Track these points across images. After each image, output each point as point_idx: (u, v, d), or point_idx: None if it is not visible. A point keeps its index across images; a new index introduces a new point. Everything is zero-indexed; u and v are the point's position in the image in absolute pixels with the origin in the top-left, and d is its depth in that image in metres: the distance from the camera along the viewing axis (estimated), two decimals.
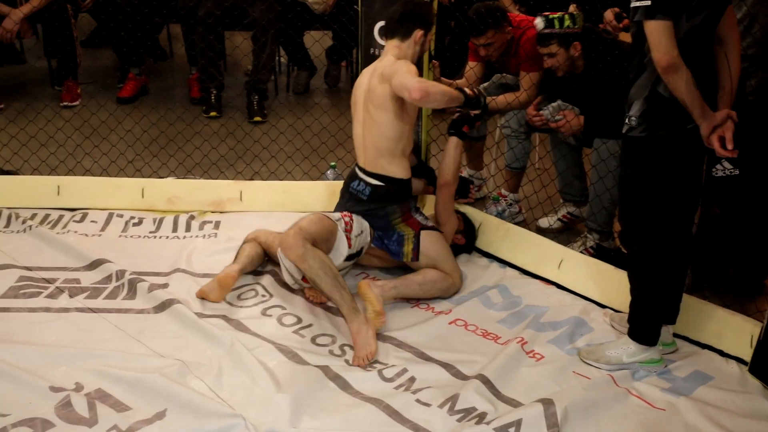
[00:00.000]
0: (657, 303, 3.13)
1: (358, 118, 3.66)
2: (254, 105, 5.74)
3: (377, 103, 3.52)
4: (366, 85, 3.62)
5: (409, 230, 3.66)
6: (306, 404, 2.90)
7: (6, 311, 3.41)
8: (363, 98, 3.62)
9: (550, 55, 3.97)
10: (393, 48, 3.59)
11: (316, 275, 3.28)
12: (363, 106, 3.61)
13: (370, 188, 3.63)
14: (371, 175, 3.63)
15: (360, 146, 3.67)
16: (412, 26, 3.56)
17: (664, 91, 2.84)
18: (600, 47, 3.95)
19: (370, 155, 3.62)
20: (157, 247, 4.04)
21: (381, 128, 3.56)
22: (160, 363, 3.09)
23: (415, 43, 3.58)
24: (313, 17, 5.79)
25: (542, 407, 2.85)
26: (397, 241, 3.65)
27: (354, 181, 3.69)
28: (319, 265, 3.28)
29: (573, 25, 3.91)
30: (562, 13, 3.91)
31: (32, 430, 2.71)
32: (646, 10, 2.75)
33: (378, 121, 3.55)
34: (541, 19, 3.93)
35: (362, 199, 3.65)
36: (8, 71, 6.47)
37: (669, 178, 2.91)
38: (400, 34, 3.58)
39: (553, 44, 3.93)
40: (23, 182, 4.43)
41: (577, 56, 3.96)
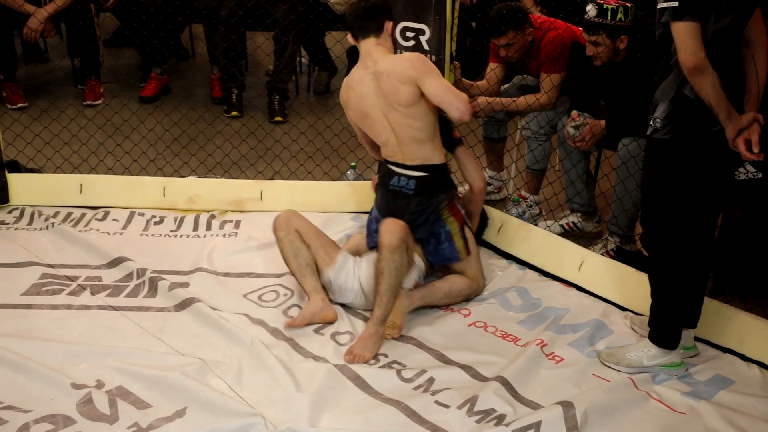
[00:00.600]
0: (678, 306, 3.11)
1: (382, 125, 3.56)
2: (275, 105, 5.75)
3: (407, 103, 3.46)
4: (376, 92, 3.52)
5: (454, 222, 3.62)
6: (325, 404, 2.91)
7: (29, 308, 3.45)
8: (381, 105, 3.52)
9: (594, 44, 3.87)
10: (375, 46, 3.54)
11: (389, 269, 3.25)
12: (386, 111, 3.52)
13: (414, 181, 3.56)
14: (412, 168, 3.57)
15: (394, 147, 3.58)
16: (381, 19, 3.53)
17: (689, 93, 2.82)
18: (648, 46, 3.83)
19: (410, 150, 3.55)
20: (177, 245, 4.06)
21: (418, 122, 3.50)
22: (181, 361, 3.11)
23: (389, 34, 3.56)
24: (334, 17, 5.80)
25: (562, 410, 2.84)
26: (448, 240, 3.60)
27: (393, 178, 3.61)
28: (399, 265, 3.27)
29: (625, 19, 3.79)
30: (617, 3, 3.78)
31: (54, 427, 2.74)
32: (673, 11, 2.73)
33: (413, 115, 3.49)
34: (593, 6, 3.80)
35: (408, 193, 3.58)
36: (32, 70, 6.52)
37: (693, 180, 2.89)
38: (373, 30, 3.53)
39: (602, 34, 3.82)
40: (46, 180, 4.46)
41: (621, 49, 3.89)
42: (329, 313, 3.43)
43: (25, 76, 6.26)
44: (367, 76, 3.55)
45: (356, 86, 3.60)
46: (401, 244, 3.27)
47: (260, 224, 4.19)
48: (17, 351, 3.09)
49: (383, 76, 3.48)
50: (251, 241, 4.08)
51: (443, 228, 3.61)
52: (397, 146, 3.58)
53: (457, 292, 3.61)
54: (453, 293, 3.60)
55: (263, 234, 4.07)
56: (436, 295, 3.56)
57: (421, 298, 3.53)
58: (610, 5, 3.78)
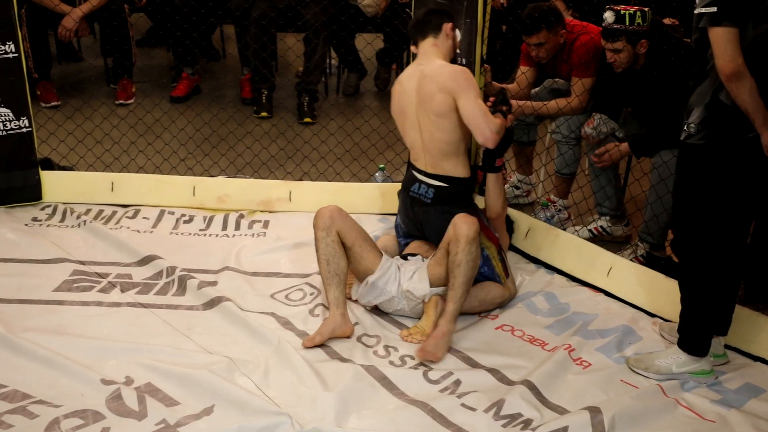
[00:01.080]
0: (708, 313, 3.08)
1: (412, 124, 3.59)
2: (304, 106, 5.78)
3: (439, 111, 3.47)
4: (416, 90, 3.54)
5: (491, 246, 3.62)
6: (352, 404, 2.91)
7: (60, 304, 3.49)
8: (416, 105, 3.54)
9: (614, 51, 3.87)
10: (431, 47, 3.55)
11: (467, 261, 3.26)
12: (419, 113, 3.54)
13: (432, 190, 3.57)
14: (433, 177, 3.58)
15: (419, 150, 3.60)
16: (440, 20, 3.55)
17: (725, 98, 2.80)
18: (664, 46, 3.85)
19: (433, 158, 3.56)
20: (206, 244, 4.09)
21: (444, 133, 3.50)
22: (209, 359, 3.13)
23: (447, 36, 3.56)
24: (365, 20, 5.81)
25: (589, 415, 2.82)
26: (486, 264, 3.58)
27: (414, 184, 3.63)
28: (475, 257, 3.29)
29: (643, 23, 3.78)
30: (633, 9, 3.77)
31: (84, 422, 2.77)
32: (712, 16, 2.71)
33: (440, 126, 3.49)
34: (611, 12, 3.79)
35: (426, 202, 3.60)
36: (66, 69, 6.60)
37: (726, 187, 2.87)
38: (431, 30, 3.55)
39: (621, 41, 3.82)
40: (78, 178, 4.51)
41: (642, 53, 3.88)
42: (347, 329, 3.35)
43: (59, 74, 6.34)
44: (415, 74, 3.57)
45: (404, 81, 3.62)
46: (477, 235, 3.28)
47: (288, 224, 4.21)
48: (48, 346, 3.12)
49: (427, 78, 3.49)
50: (279, 241, 4.10)
51: (482, 253, 3.56)
52: (421, 150, 3.58)
53: (491, 301, 3.59)
54: (487, 301, 3.58)
55: (291, 234, 4.09)
56: (470, 303, 3.52)
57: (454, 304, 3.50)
58: (627, 11, 3.78)
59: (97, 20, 5.95)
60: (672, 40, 3.87)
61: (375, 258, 3.50)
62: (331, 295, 3.39)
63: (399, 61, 6.51)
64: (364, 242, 3.49)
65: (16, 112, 4.23)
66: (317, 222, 3.44)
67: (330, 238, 3.41)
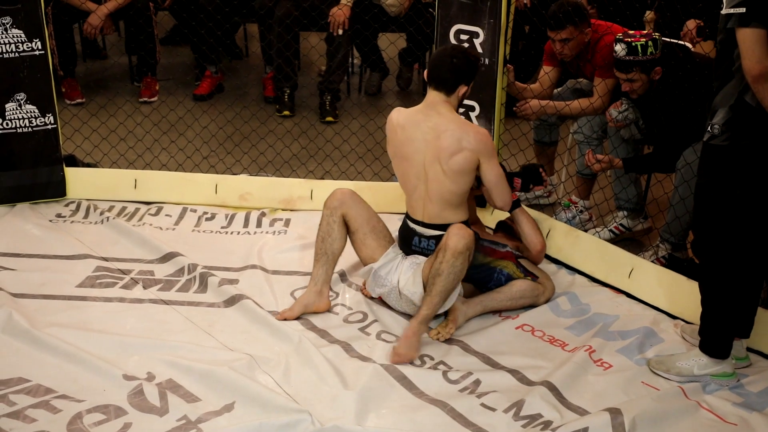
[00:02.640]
0: (729, 315, 3.06)
1: (417, 173, 3.48)
2: (327, 105, 5.79)
3: (460, 168, 3.42)
4: (429, 141, 3.44)
5: (509, 264, 3.60)
6: (372, 403, 2.92)
7: (83, 300, 3.52)
8: (428, 156, 3.45)
9: (629, 81, 3.90)
10: (443, 102, 3.45)
11: (448, 273, 3.24)
12: (429, 164, 3.45)
13: (433, 241, 3.49)
14: (433, 227, 3.50)
15: (419, 200, 3.52)
16: (458, 83, 3.45)
17: (751, 100, 2.78)
18: (673, 61, 3.89)
19: (434, 209, 3.50)
20: (228, 242, 4.11)
21: (454, 187, 3.46)
22: (230, 356, 3.15)
23: (458, 97, 3.49)
24: (388, 19, 5.82)
25: (609, 416, 2.82)
26: (508, 281, 3.58)
27: (413, 238, 3.55)
28: (459, 270, 3.26)
29: (655, 51, 3.82)
30: (645, 39, 3.80)
31: (105, 417, 2.80)
32: (740, 17, 2.69)
33: (456, 181, 3.44)
34: (622, 45, 3.82)
35: (429, 255, 3.50)
36: (91, 66, 6.64)
37: (749, 188, 2.85)
38: (446, 88, 3.45)
39: (635, 71, 3.85)
40: (102, 175, 4.55)
41: (656, 80, 3.90)
42: (321, 304, 3.48)
43: (83, 72, 6.38)
44: (424, 124, 3.47)
45: (407, 127, 3.52)
46: (466, 251, 3.25)
47: (310, 223, 4.22)
48: (72, 342, 3.16)
49: (447, 133, 3.41)
50: (300, 240, 4.11)
51: (501, 273, 3.58)
52: (421, 200, 3.52)
53: (520, 294, 3.56)
54: (516, 295, 3.55)
55: (312, 233, 4.06)
56: (496, 298, 3.53)
57: (480, 303, 3.52)
58: (639, 42, 3.81)
59: (123, 18, 5.99)
60: (681, 57, 3.88)
61: (379, 246, 3.52)
62: (314, 270, 3.50)
63: (421, 61, 6.50)
64: (370, 230, 3.52)
65: (41, 109, 4.27)
66: (327, 201, 3.53)
67: (333, 218, 3.48)
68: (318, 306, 3.49)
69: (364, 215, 3.54)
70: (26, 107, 4.24)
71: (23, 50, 4.16)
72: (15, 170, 4.29)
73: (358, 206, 3.54)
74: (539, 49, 4.62)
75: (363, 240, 3.54)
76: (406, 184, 3.59)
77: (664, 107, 3.94)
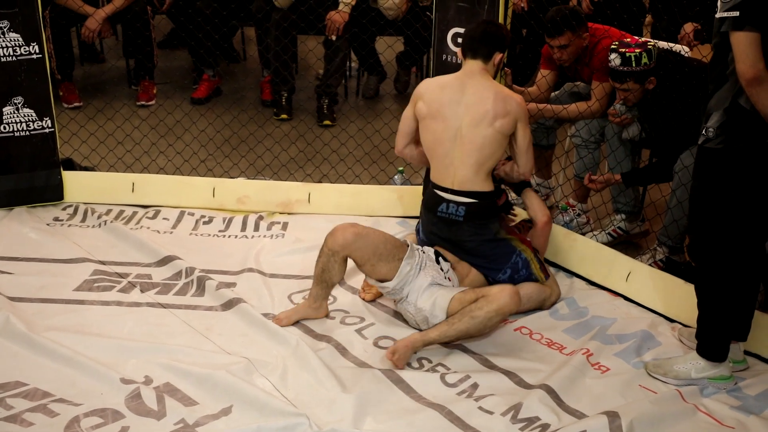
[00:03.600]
0: (725, 318, 3.06)
1: (452, 135, 3.51)
2: (324, 108, 5.79)
3: (503, 130, 3.47)
4: (469, 104, 3.47)
5: (527, 249, 3.61)
6: (369, 406, 2.92)
7: (80, 303, 3.52)
8: (470, 119, 3.48)
9: (624, 91, 3.94)
10: (481, 69, 3.53)
11: (477, 323, 3.20)
12: (468, 126, 3.47)
13: (464, 207, 3.50)
14: (462, 194, 3.51)
15: (448, 165, 3.52)
16: (493, 49, 3.54)
17: (745, 103, 2.79)
18: (661, 72, 3.90)
19: (465, 174, 3.50)
20: (225, 245, 4.11)
21: (489, 150, 3.48)
22: (227, 360, 3.15)
23: (494, 65, 3.58)
24: (386, 22, 5.82)
25: (607, 419, 2.82)
26: (525, 267, 3.57)
27: (441, 204, 3.54)
28: (492, 326, 3.27)
29: (649, 62, 3.84)
30: (639, 50, 3.82)
31: (103, 420, 2.80)
32: (734, 21, 2.70)
33: (491, 144, 3.47)
34: (616, 55, 3.84)
35: (458, 221, 3.52)
36: (88, 70, 6.65)
37: (743, 191, 2.86)
38: (482, 55, 3.54)
39: (630, 81, 3.88)
40: (100, 179, 4.55)
41: (651, 89, 3.92)
42: (318, 314, 3.49)
43: (81, 75, 6.39)
44: (466, 87, 3.52)
45: (447, 89, 3.55)
46: (509, 312, 3.26)
47: (307, 226, 4.22)
48: (69, 345, 3.15)
49: (491, 97, 3.46)
50: (298, 243, 4.11)
51: (520, 257, 3.57)
52: (452, 165, 3.51)
53: (527, 297, 3.53)
54: (523, 298, 3.48)
55: (310, 236, 4.10)
56: None
57: None
58: (633, 53, 3.83)
59: (120, 22, 5.99)
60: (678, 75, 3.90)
61: (391, 267, 3.37)
62: (313, 289, 3.48)
63: (419, 64, 6.51)
64: (378, 259, 3.35)
65: (39, 112, 4.27)
66: (329, 240, 3.37)
67: (335, 258, 3.37)
68: (315, 315, 3.50)
69: (370, 249, 3.36)
70: (24, 111, 4.24)
71: (21, 54, 4.16)
72: (12, 174, 4.29)
73: (362, 245, 3.35)
74: (536, 53, 4.63)
75: (372, 269, 3.39)
76: (436, 147, 3.57)
77: (661, 114, 3.95)
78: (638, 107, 4.05)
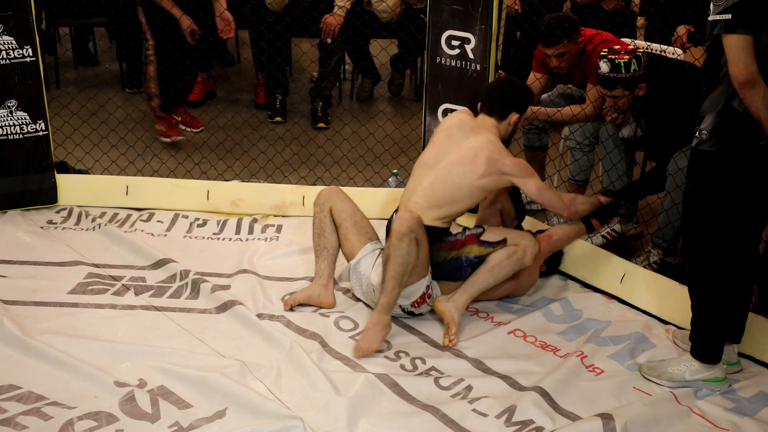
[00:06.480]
0: (719, 320, 3.07)
1: (432, 164, 3.54)
2: (318, 111, 5.80)
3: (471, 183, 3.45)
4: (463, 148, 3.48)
5: (472, 247, 3.52)
6: (363, 409, 2.91)
7: (74, 306, 3.51)
8: (454, 157, 3.49)
9: (614, 97, 3.94)
10: (492, 127, 3.55)
11: (395, 257, 3.24)
12: (451, 164, 3.48)
13: None
14: None
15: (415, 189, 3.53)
16: (509, 110, 3.56)
17: (738, 105, 2.80)
18: (662, 68, 3.91)
19: (421, 203, 3.47)
20: (220, 248, 4.11)
21: (458, 194, 3.47)
22: (221, 363, 3.14)
23: (509, 124, 3.59)
24: (380, 25, 5.83)
25: (601, 422, 2.82)
26: (478, 259, 3.49)
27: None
28: (405, 253, 3.23)
29: (639, 68, 3.85)
30: (628, 57, 3.83)
31: (97, 424, 2.79)
32: (726, 24, 2.71)
33: (466, 188, 3.47)
34: (605, 62, 3.86)
35: None
36: (82, 73, 6.64)
37: (737, 193, 2.86)
38: (497, 114, 3.57)
39: (619, 88, 3.89)
40: (94, 181, 4.54)
41: (641, 95, 3.93)
42: (325, 300, 3.58)
43: (74, 79, 6.38)
44: (469, 133, 3.54)
45: (459, 127, 3.59)
46: (409, 232, 3.23)
47: (301, 229, 4.22)
48: (63, 348, 3.14)
49: (485, 149, 3.44)
50: (292, 246, 4.11)
51: (467, 260, 3.51)
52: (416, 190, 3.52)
53: (496, 264, 3.47)
54: (493, 268, 3.46)
55: (304, 239, 4.09)
56: (476, 281, 3.46)
57: (464, 292, 3.46)
58: (622, 60, 3.84)
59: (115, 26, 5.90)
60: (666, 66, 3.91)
61: (359, 242, 3.54)
62: (317, 266, 3.60)
63: (413, 67, 6.52)
64: (353, 224, 3.56)
65: (32, 115, 4.26)
66: (316, 198, 3.62)
67: (323, 213, 3.57)
68: (322, 301, 3.57)
69: (348, 210, 3.59)
70: (17, 114, 4.23)
71: (14, 57, 4.14)
72: (6, 177, 4.28)
73: (343, 201, 3.61)
74: (530, 55, 4.64)
75: (346, 235, 3.56)
76: (417, 168, 3.61)
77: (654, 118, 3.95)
78: (633, 107, 4.06)
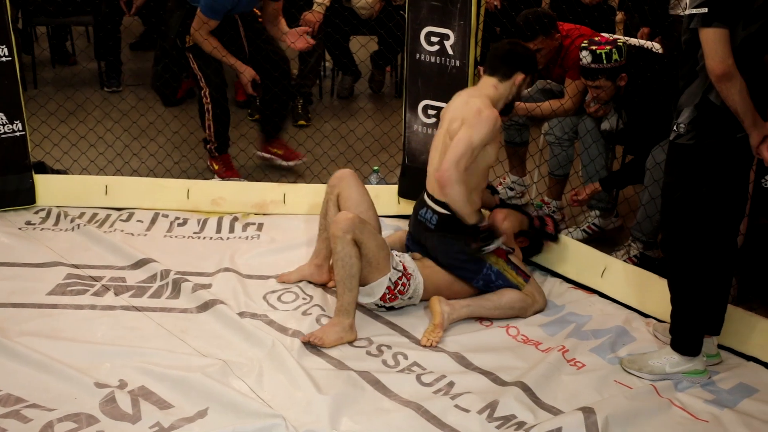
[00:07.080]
0: (698, 313, 3.09)
1: (437, 143, 3.55)
2: (299, 108, 5.78)
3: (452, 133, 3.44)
4: (454, 113, 3.48)
5: (498, 260, 3.52)
6: (345, 407, 2.91)
7: (53, 308, 3.49)
8: (447, 125, 3.48)
9: (596, 88, 3.96)
10: (490, 87, 3.50)
11: (335, 261, 3.27)
12: (446, 132, 3.48)
13: (437, 217, 3.50)
14: (439, 203, 3.50)
15: (431, 171, 3.54)
16: (515, 69, 3.49)
17: (715, 99, 2.81)
18: (641, 62, 3.93)
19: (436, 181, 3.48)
20: (200, 247, 4.09)
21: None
22: (203, 362, 3.13)
23: (513, 84, 3.51)
24: (359, 22, 5.82)
25: (583, 416, 2.83)
26: (500, 278, 3.51)
27: (422, 208, 3.56)
28: (342, 256, 3.22)
29: (620, 59, 3.87)
30: (609, 47, 3.84)
31: (77, 425, 2.77)
32: (702, 17, 2.72)
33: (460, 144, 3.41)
34: (587, 53, 3.88)
35: (430, 228, 3.53)
36: (60, 72, 6.58)
37: (715, 186, 2.88)
38: (500, 73, 3.49)
39: (601, 79, 3.91)
40: (72, 182, 4.51)
41: (622, 86, 3.95)
42: (320, 277, 3.71)
43: (52, 78, 6.33)
44: (463, 95, 3.56)
45: (453, 101, 3.59)
46: (343, 235, 3.21)
47: (283, 227, 4.21)
48: (42, 350, 3.12)
49: (468, 104, 3.44)
50: (273, 244, 4.10)
51: (491, 269, 3.51)
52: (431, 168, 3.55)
53: (508, 305, 3.50)
54: (504, 305, 3.49)
55: (285, 236, 4.09)
56: (484, 307, 3.49)
57: (466, 306, 3.48)
58: (603, 50, 3.86)
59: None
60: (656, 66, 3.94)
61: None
62: (316, 245, 3.73)
63: (393, 64, 6.51)
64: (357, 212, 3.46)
65: (9, 115, 4.22)
66: (330, 178, 3.69)
67: (331, 195, 3.63)
68: (314, 278, 3.71)
69: (354, 199, 3.57)
70: None
71: None
72: None
73: (351, 189, 3.60)
74: None
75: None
76: (431, 152, 3.62)
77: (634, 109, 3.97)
78: (613, 99, 4.07)
